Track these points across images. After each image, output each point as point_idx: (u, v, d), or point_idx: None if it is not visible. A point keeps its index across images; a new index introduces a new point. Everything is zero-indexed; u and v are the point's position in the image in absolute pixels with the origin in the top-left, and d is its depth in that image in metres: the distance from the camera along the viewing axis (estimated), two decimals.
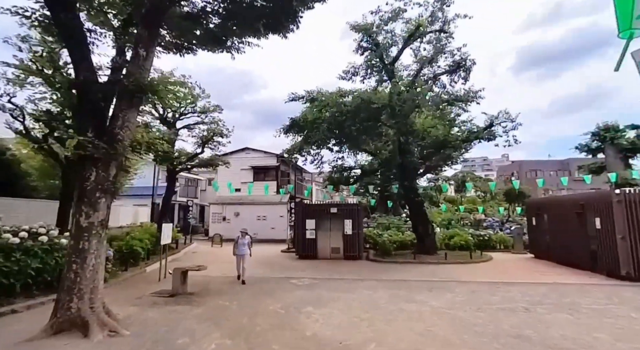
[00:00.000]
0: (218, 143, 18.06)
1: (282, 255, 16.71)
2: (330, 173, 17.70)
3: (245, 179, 25.94)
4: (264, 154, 27.04)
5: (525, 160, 63.28)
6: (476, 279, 10.44)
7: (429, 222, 15.24)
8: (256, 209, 25.00)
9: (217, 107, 17.85)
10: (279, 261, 14.45)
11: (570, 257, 12.41)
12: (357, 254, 14.73)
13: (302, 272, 11.71)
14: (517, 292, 8.67)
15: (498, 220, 25.21)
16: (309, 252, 14.98)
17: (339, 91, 12.83)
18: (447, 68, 14.62)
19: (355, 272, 11.55)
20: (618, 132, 25.99)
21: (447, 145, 15.64)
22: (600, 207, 10.69)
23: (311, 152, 14.97)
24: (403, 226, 21.79)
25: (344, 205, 15.65)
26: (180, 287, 8.38)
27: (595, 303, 7.60)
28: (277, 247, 19.45)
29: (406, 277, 10.75)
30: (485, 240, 17.84)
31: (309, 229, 15.18)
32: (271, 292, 8.68)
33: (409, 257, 14.40)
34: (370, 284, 9.71)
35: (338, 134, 14.02)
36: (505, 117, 15.00)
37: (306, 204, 16.81)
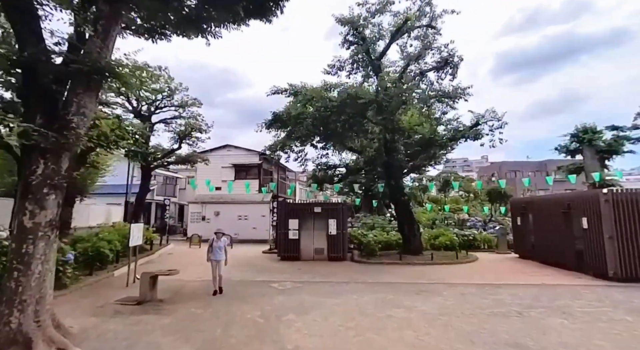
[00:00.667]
0: (196, 139, 17.26)
1: (264, 256, 16.02)
2: (314, 171, 17.13)
3: (226, 177, 25.07)
4: (246, 152, 26.22)
5: (505, 161, 64.76)
6: (464, 280, 10.11)
7: (415, 222, 14.90)
8: (237, 209, 24.15)
9: (196, 101, 17.01)
10: (259, 263, 13.78)
11: (555, 257, 12.30)
12: (341, 254, 14.23)
13: (284, 274, 11.10)
14: (506, 294, 8.35)
15: (481, 220, 25.28)
16: (292, 253, 14.37)
17: (324, 85, 12.26)
18: (434, 64, 14.31)
19: (340, 274, 11.03)
20: (595, 133, 26.50)
21: (433, 144, 15.33)
22: (588, 207, 10.57)
23: (294, 149, 14.35)
24: (388, 226, 21.47)
25: (328, 204, 15.12)
26: (149, 293, 7.61)
27: (588, 306, 7.34)
28: (259, 247, 18.74)
29: (393, 279, 10.31)
30: (470, 240, 17.71)
31: (291, 229, 14.57)
32: (249, 298, 8.03)
33: (394, 258, 14.01)
34: (355, 287, 9.20)
35: (323, 130, 13.47)
36: (492, 116, 14.82)
37: (289, 202, 16.19)
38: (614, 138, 25.99)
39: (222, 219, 23.95)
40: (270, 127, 12.97)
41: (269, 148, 14.00)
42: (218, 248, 8.69)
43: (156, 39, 8.83)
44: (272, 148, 13.94)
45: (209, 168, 25.53)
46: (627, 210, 9.84)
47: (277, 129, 13.19)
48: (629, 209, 9.84)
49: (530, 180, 16.02)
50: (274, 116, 12.61)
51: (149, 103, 16.30)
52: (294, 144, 14.10)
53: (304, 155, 14.77)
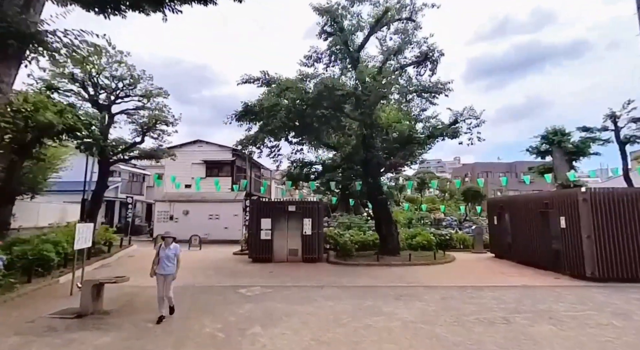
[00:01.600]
0: (162, 132, 15.94)
1: (234, 258, 15.04)
2: (289, 168, 16.31)
3: (197, 174, 23.72)
4: (218, 148, 24.96)
5: (478, 162, 66.62)
6: (444, 282, 9.66)
7: (392, 222, 14.43)
8: (208, 207, 22.90)
9: (162, 90, 15.72)
10: (228, 265, 12.82)
11: (532, 257, 12.16)
12: (316, 256, 13.51)
13: (254, 278, 10.24)
14: (489, 298, 7.93)
15: (456, 219, 25.40)
16: (264, 255, 13.51)
17: (300, 74, 11.45)
18: (413, 59, 13.88)
19: (314, 278, 10.31)
20: (564, 135, 27.30)
21: (412, 141, 14.93)
22: (566, 206, 10.41)
23: (268, 144, 13.47)
24: (364, 225, 21.02)
25: (303, 203, 14.37)
26: (92, 304, 6.56)
27: (572, 309, 7.01)
28: (230, 248, 17.69)
29: (370, 282, 9.70)
30: (447, 240, 17.53)
31: (264, 229, 13.70)
32: (211, 307, 7.14)
33: (371, 259, 13.46)
34: (331, 292, 8.51)
35: (298, 124, 12.69)
36: (470, 114, 14.60)
37: (261, 201, 15.30)
38: (581, 140, 26.84)
39: (191, 218, 22.65)
40: (240, 119, 12.01)
41: (240, 142, 13.04)
42: (166, 258, 6.51)
43: (109, 14, 7.77)
44: (244, 142, 12.99)
45: (179, 164, 24.08)
46: (605, 209, 9.73)
47: (248, 121, 12.25)
48: (607, 208, 9.73)
49: (507, 180, 16.00)
50: (245, 107, 11.67)
51: (109, 92, 14.87)
52: (267, 138, 13.21)
53: (278, 150, 13.93)
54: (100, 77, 14.44)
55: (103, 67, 14.30)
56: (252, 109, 11.60)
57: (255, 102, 11.68)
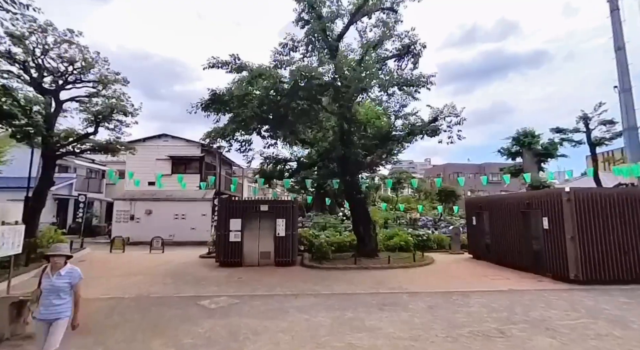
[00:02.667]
0: (120, 123, 14.36)
1: (200, 262, 13.78)
2: (261, 165, 15.21)
3: (162, 170, 21.98)
4: (186, 143, 23.34)
5: (449, 163, 68.39)
6: (428, 288, 9.03)
7: (371, 222, 13.74)
8: (174, 206, 21.30)
9: (121, 77, 14.16)
10: (192, 270, 11.59)
11: (512, 258, 11.87)
12: (290, 259, 12.57)
13: (220, 286, 9.14)
14: (478, 305, 7.34)
15: (432, 219, 25.25)
16: (233, 258, 12.38)
17: (274, 60, 10.41)
18: (395, 52, 13.24)
19: (288, 284, 9.36)
20: (534, 137, 27.99)
21: (391, 138, 14.32)
22: (549, 206, 10.11)
23: (239, 137, 12.32)
24: (340, 226, 20.30)
25: (276, 202, 13.38)
26: (9, 327, 5.27)
27: (566, 317, 6.53)
28: (197, 251, 16.35)
29: (349, 288, 8.89)
30: (424, 241, 17.14)
31: (233, 230, 12.57)
32: (164, 326, 6.02)
33: (349, 262, 12.68)
34: (306, 302, 7.60)
35: (272, 117, 11.66)
36: (450, 112, 14.19)
37: (231, 199, 14.14)
38: (550, 142, 27.58)
39: (154, 218, 20.96)
40: (207, 108, 10.78)
41: (208, 135, 11.82)
42: (54, 292, 3.87)
43: None
44: (212, 135, 11.78)
45: (141, 160, 22.32)
46: (589, 209, 9.49)
47: (216, 111, 11.06)
48: (590, 208, 9.49)
49: (487, 179, 15.86)
50: (212, 95, 10.45)
51: (56, 75, 13.14)
52: (238, 131, 12.07)
53: (249, 144, 12.80)
54: (46, 58, 12.71)
55: (50, 47, 12.60)
56: (221, 97, 10.44)
57: (225, 90, 10.52)
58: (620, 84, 14.75)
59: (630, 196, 9.74)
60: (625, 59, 14.71)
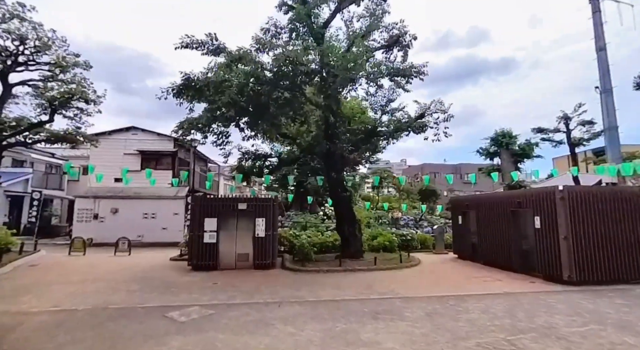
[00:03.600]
0: (80, 111, 12.93)
1: (171, 265, 12.62)
2: (239, 160, 14.18)
3: (131, 166, 20.41)
4: (157, 137, 21.82)
5: (426, 163, 69.50)
6: (420, 291, 8.43)
7: (356, 221, 13.07)
8: (143, 205, 19.78)
9: (82, 61, 12.72)
10: (161, 275, 10.46)
11: (500, 259, 11.54)
12: (270, 261, 11.67)
13: (192, 294, 8.13)
14: (477, 311, 6.79)
15: (413, 219, 25.02)
16: (207, 261, 11.34)
17: (255, 42, 9.44)
18: (383, 43, 12.62)
19: (269, 290, 8.48)
20: (512, 138, 28.44)
21: (377, 134, 13.73)
22: (541, 205, 9.80)
23: (215, 129, 11.27)
24: (321, 225, 19.58)
25: (255, 200, 12.42)
26: None
27: (572, 323, 6.07)
28: (168, 253, 15.10)
29: (337, 294, 8.14)
30: (408, 241, 16.71)
31: (208, 230, 11.52)
32: (123, 347, 5.01)
33: (333, 264, 11.96)
34: (291, 311, 6.78)
35: (252, 109, 10.70)
36: (437, 108, 13.79)
37: (205, 197, 13.04)
38: (527, 143, 28.08)
39: (121, 217, 19.36)
40: (180, 95, 9.66)
41: (180, 126, 10.71)
42: None
43: None
44: (184, 126, 10.68)
45: (108, 154, 20.72)
46: (583, 208, 9.23)
47: (190, 99, 9.96)
48: (584, 207, 9.23)
49: (475, 177, 15.65)
50: (185, 80, 9.35)
51: (5, 55, 11.58)
52: (215, 122, 11.02)
53: (227, 137, 11.74)
54: None
55: None
56: (195, 82, 9.38)
57: (200, 76, 9.48)
58: (601, 84, 14.87)
59: (622, 195, 9.59)
60: (606, 59, 14.84)
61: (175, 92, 9.52)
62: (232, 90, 8.81)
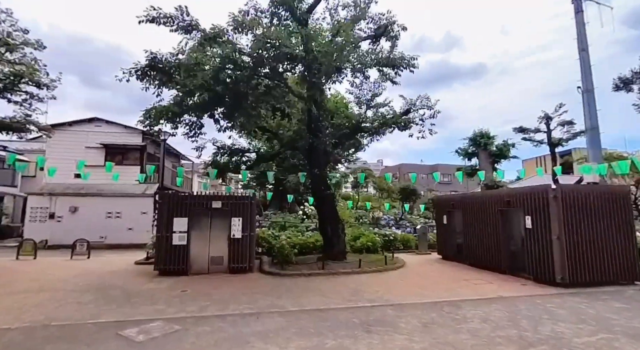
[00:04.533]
0: (30, 96, 11.41)
1: (135, 270, 11.39)
2: (214, 155, 13.09)
3: (93, 160, 18.71)
4: (124, 130, 20.16)
5: (403, 164, 70.41)
6: (411, 297, 7.78)
7: (339, 221, 12.33)
8: (106, 203, 18.19)
9: (31, 38, 11.21)
10: (123, 282, 9.26)
11: (488, 260, 11.16)
12: (247, 264, 10.72)
13: (157, 305, 7.08)
14: (477, 320, 6.20)
15: (393, 218, 24.69)
16: (176, 266, 10.25)
17: (233, 21, 8.40)
18: (370, 33, 11.94)
19: (245, 298, 7.56)
20: (489, 138, 28.77)
21: (362, 129, 13.07)
22: (533, 204, 9.43)
23: (186, 119, 10.16)
24: (301, 225, 18.75)
25: (231, 198, 11.39)
26: None
27: (580, 332, 5.58)
28: (134, 255, 13.80)
29: (322, 302, 7.33)
30: (391, 241, 16.20)
31: (177, 231, 10.42)
32: None
33: (315, 266, 11.15)
34: (271, 324, 5.91)
35: (229, 96, 9.69)
36: (423, 104, 13.30)
37: (175, 194, 11.88)
38: (504, 144, 28.45)
39: (82, 217, 17.71)
40: (145, 77, 8.47)
41: (147, 115, 9.54)
42: None
43: None
44: (152, 115, 9.51)
45: (67, 148, 18.93)
46: (575, 208, 8.92)
47: (158, 83, 8.80)
48: (577, 206, 8.93)
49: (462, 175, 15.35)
50: (151, 60, 8.19)
51: None
52: (188, 112, 9.92)
53: (199, 128, 10.64)
54: None
55: None
56: (163, 63, 8.27)
57: (168, 56, 8.37)
58: (583, 85, 14.90)
59: (612, 194, 9.39)
60: (588, 60, 14.88)
61: (139, 74, 8.34)
62: (206, 73, 7.81)
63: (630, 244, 9.21)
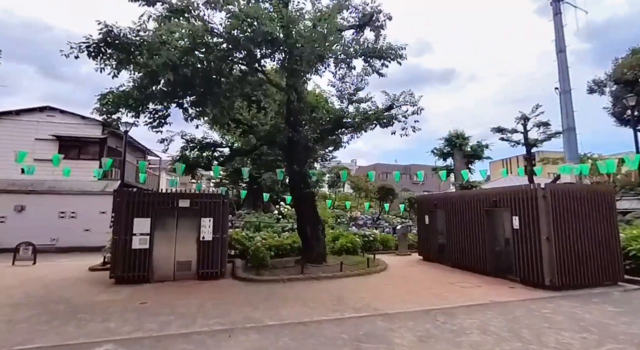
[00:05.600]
0: None
1: (89, 277, 10.06)
2: (182, 149, 11.91)
3: (43, 154, 16.80)
4: (82, 121, 18.30)
5: (378, 164, 71.08)
6: (400, 305, 7.14)
7: (320, 222, 11.57)
8: (59, 201, 16.41)
9: None
10: (71, 293, 8.00)
11: (472, 261, 10.80)
12: (218, 270, 9.73)
13: (108, 321, 5.99)
14: (475, 330, 5.65)
15: (370, 218, 24.28)
16: (136, 272, 9.09)
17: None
18: (353, 22, 11.25)
19: (216, 311, 6.62)
20: (465, 139, 29.12)
21: (344, 125, 12.38)
22: (521, 204, 9.12)
23: (149, 106, 8.97)
24: (276, 225, 17.85)
25: (202, 196, 10.32)
26: None
27: (586, 342, 5.15)
28: (90, 260, 12.35)
29: (304, 313, 6.52)
30: (370, 242, 15.69)
31: (138, 233, 9.26)
32: None
33: (294, 270, 10.32)
34: (246, 343, 5.04)
35: (199, 84, 8.65)
36: (407, 100, 12.81)
37: (135, 192, 10.64)
38: (478, 144, 28.85)
39: (30, 216, 15.87)
40: (98, 54, 7.22)
41: (103, 101, 8.30)
42: None
43: None
44: (110, 101, 8.29)
45: (13, 139, 16.91)
46: (564, 208, 8.68)
47: (117, 63, 7.58)
48: (565, 206, 8.69)
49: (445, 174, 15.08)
50: (106, 34, 6.96)
51: None
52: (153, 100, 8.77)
53: (165, 117, 9.49)
54: None
55: None
56: (122, 41, 7.12)
57: (128, 32, 7.23)
58: (560, 86, 15.07)
59: (598, 194, 9.26)
60: (565, 61, 15.06)
61: (92, 51, 7.12)
62: (172, 52, 6.77)
63: (614, 244, 9.12)
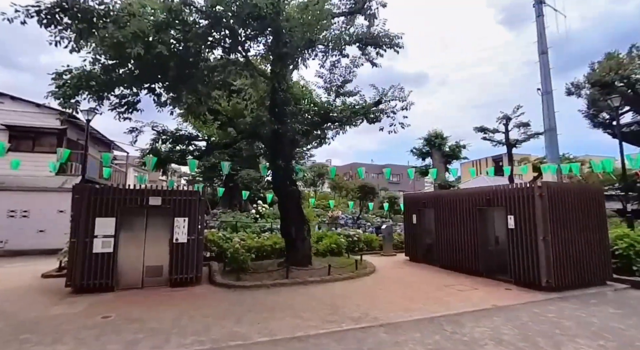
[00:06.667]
0: None
1: (41, 285, 8.75)
2: (153, 141, 10.75)
3: None
4: (37, 109, 16.42)
5: (356, 163, 71.15)
6: (399, 312, 6.53)
7: (305, 222, 10.81)
8: (9, 198, 14.61)
9: None
10: (17, 307, 6.78)
11: (463, 262, 10.45)
12: (194, 275, 8.75)
13: (60, 344, 4.94)
14: (487, 340, 5.12)
15: (351, 218, 23.78)
16: (99, 280, 7.95)
17: None
18: (344, 9, 10.58)
19: (193, 326, 5.71)
20: (443, 139, 29.34)
21: (331, 119, 11.69)
22: (517, 203, 8.82)
23: (115, 90, 7.83)
24: (254, 225, 16.89)
25: (175, 193, 9.25)
26: None
27: (600, 348, 4.77)
28: (45, 265, 10.88)
29: (296, 325, 5.75)
30: (355, 242, 15.12)
31: (101, 235, 8.11)
32: None
33: (278, 274, 9.52)
34: None
35: (174, 66, 7.64)
36: (395, 95, 12.32)
37: (98, 188, 9.41)
38: (456, 145, 29.11)
39: None
40: (51, 22, 6.00)
41: (57, 79, 7.11)
42: None
43: None
44: (68, 83, 7.12)
45: None
46: (560, 207, 8.45)
47: (70, 33, 6.38)
48: (561, 205, 8.47)
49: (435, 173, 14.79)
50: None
51: None
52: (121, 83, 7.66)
53: (133, 104, 8.36)
54: None
55: None
56: (82, 8, 5.99)
57: None
58: (542, 87, 15.15)
59: (589, 192, 9.15)
60: (547, 62, 15.16)
61: (44, 18, 5.92)
62: (143, 23, 5.78)
63: (604, 244, 9.05)
